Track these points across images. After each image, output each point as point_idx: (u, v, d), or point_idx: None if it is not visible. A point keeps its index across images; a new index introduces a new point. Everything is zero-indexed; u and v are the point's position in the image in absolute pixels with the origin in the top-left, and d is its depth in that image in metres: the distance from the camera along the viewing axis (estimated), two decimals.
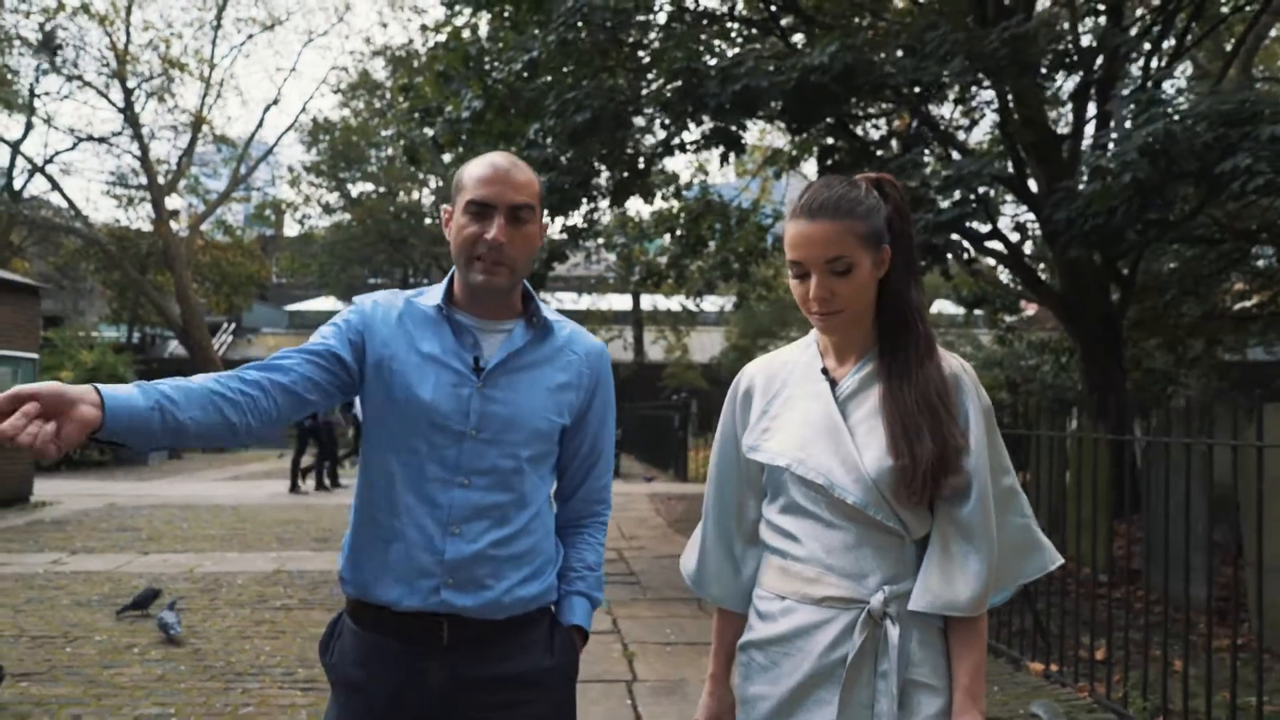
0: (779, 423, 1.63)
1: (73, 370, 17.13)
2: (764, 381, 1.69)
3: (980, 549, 1.51)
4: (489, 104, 7.70)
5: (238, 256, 33.10)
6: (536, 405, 1.73)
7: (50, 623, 5.61)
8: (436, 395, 1.68)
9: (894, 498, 1.50)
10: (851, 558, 1.53)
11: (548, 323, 1.79)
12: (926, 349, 1.57)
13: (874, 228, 1.55)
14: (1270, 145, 4.89)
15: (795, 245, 1.55)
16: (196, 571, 7.32)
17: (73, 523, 10.13)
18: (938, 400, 1.52)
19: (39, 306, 12.70)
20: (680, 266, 14.26)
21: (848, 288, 1.54)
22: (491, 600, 1.66)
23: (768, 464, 1.61)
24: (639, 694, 4.48)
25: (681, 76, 6.38)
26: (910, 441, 1.49)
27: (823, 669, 1.51)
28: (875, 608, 1.50)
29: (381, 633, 1.68)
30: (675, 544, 9.11)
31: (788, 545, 1.59)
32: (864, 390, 1.59)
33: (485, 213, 1.68)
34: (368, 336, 1.71)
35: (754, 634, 1.62)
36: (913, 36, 7.45)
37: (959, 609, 1.49)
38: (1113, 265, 9.65)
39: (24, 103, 25.93)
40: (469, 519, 1.67)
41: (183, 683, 4.51)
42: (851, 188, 1.57)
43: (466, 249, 1.69)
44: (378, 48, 34.21)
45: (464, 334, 1.73)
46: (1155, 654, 4.71)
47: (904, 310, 1.59)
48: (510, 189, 1.69)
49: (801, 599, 1.55)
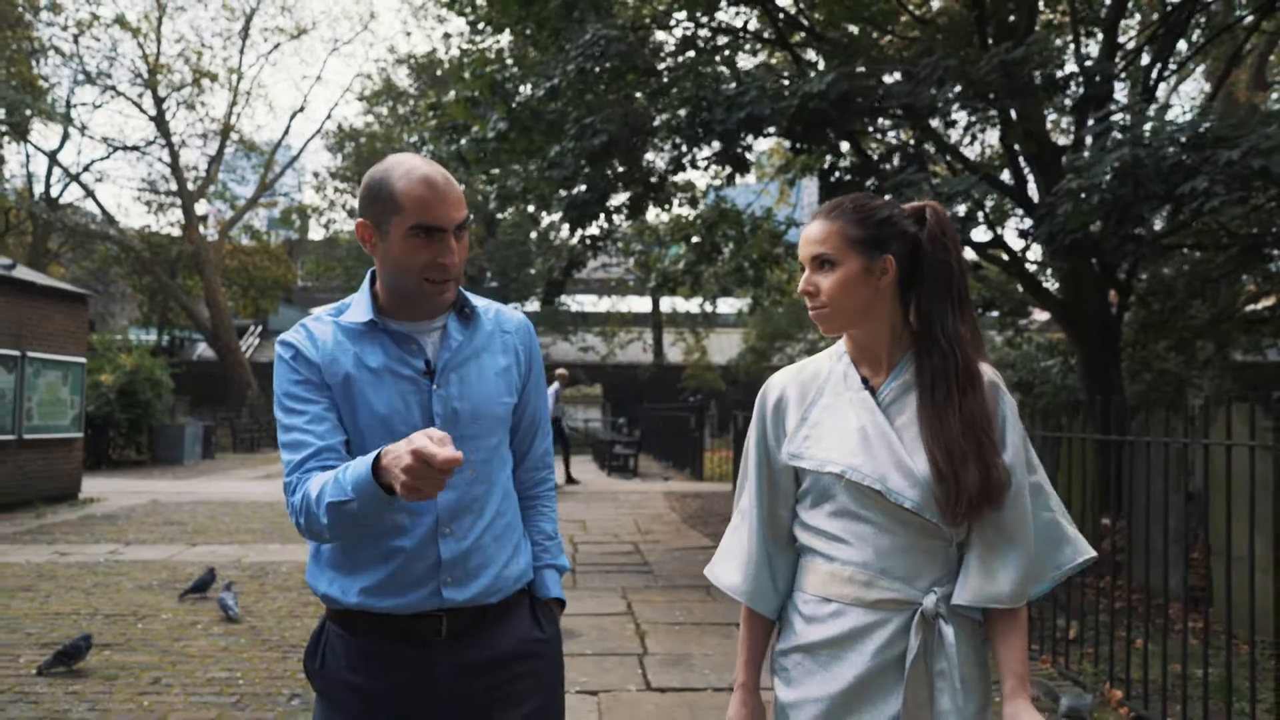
0: (821, 430, 1.66)
1: (112, 373, 17.83)
2: (797, 391, 1.72)
3: (1019, 544, 1.58)
4: (513, 125, 8.25)
5: (264, 261, 33.87)
6: (490, 391, 1.77)
7: (119, 604, 6.21)
8: (397, 405, 1.70)
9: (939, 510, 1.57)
10: (903, 561, 1.58)
11: (475, 310, 1.81)
12: (968, 378, 1.60)
13: (870, 235, 1.62)
14: (1227, 169, 5.35)
15: (799, 246, 1.68)
16: (244, 561, 7.90)
17: (121, 517, 10.76)
18: (981, 430, 1.57)
19: (87, 313, 13.38)
20: (695, 273, 14.77)
21: (829, 283, 1.62)
22: (485, 587, 1.72)
23: (815, 470, 1.64)
24: (649, 664, 5.00)
25: (691, 103, 6.92)
26: (954, 469, 1.54)
27: (876, 670, 1.57)
28: (928, 609, 1.56)
29: (378, 637, 1.69)
30: (687, 538, 9.62)
31: (836, 549, 1.63)
32: (902, 399, 1.64)
33: (434, 235, 1.66)
34: (321, 368, 1.71)
35: (798, 639, 1.66)
36: (909, 61, 7.94)
37: (1001, 601, 1.57)
38: (1111, 272, 10.06)
39: (62, 114, 26.69)
40: (456, 517, 1.71)
41: (244, 653, 5.08)
42: (870, 200, 1.67)
43: (417, 273, 1.67)
44: (401, 56, 34.94)
45: (404, 341, 1.73)
46: (1122, 634, 5.17)
47: (936, 333, 1.62)
48: (452, 207, 1.67)
49: (854, 602, 1.59)
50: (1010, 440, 1.60)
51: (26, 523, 10.23)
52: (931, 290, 1.63)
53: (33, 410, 11.69)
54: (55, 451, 12.26)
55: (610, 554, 8.53)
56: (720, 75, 7.36)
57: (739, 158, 7.30)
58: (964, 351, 1.60)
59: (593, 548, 8.86)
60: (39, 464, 11.87)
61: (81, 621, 5.62)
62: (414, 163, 1.68)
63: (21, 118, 25.19)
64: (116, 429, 18.30)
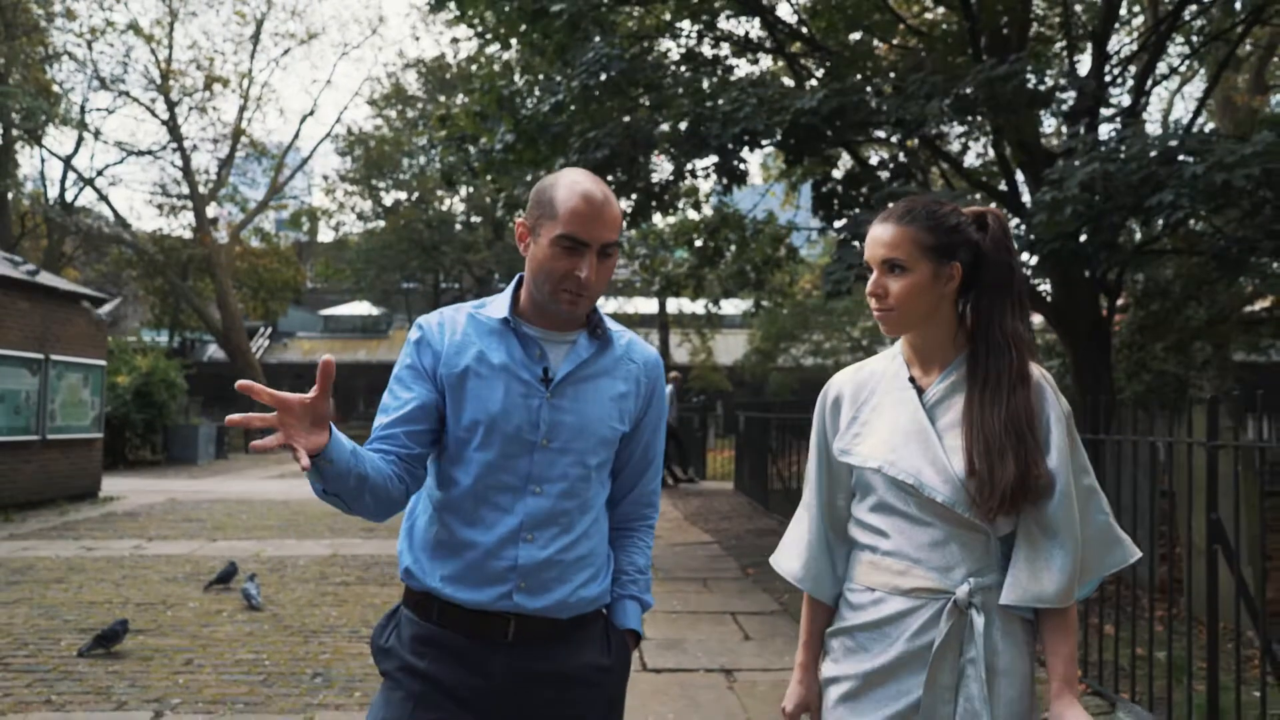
0: (869, 428, 1.74)
1: (128, 375, 18.25)
2: (852, 390, 1.80)
3: (1065, 544, 1.61)
4: (519, 137, 8.60)
5: (274, 263, 34.26)
6: (601, 414, 1.79)
7: (148, 594, 6.58)
8: (508, 406, 1.73)
9: (970, 505, 1.62)
10: (939, 552, 1.64)
11: (609, 333, 1.85)
12: (1020, 376, 1.66)
13: (941, 242, 1.67)
14: (1191, 183, 5.67)
15: (867, 245, 1.72)
16: (262, 555, 8.27)
17: (142, 515, 11.15)
18: (1025, 426, 1.62)
19: (106, 317, 13.76)
20: (699, 276, 15.10)
21: (898, 287, 1.67)
22: (558, 601, 1.73)
23: (859, 466, 1.72)
24: (646, 648, 5.34)
25: (689, 119, 7.27)
26: (991, 463, 1.59)
27: (908, 653, 1.63)
28: (961, 598, 1.61)
29: (447, 626, 1.73)
30: (689, 534, 9.96)
31: (877, 541, 1.70)
32: (949, 399, 1.70)
33: (578, 249, 1.70)
34: (438, 357, 1.77)
35: (843, 623, 1.75)
36: (899, 76, 8.28)
37: (1047, 601, 1.61)
38: (1101, 276, 10.36)
39: (77, 120, 27.14)
40: (540, 526, 1.73)
41: (269, 638, 5.44)
42: (940, 206, 1.71)
43: (554, 281, 1.72)
44: (410, 60, 35.35)
45: (531, 345, 1.77)
46: (1094, 621, 5.49)
47: (995, 333, 1.68)
48: (603, 227, 1.71)
49: (891, 590, 1.67)
50: (1056, 441, 1.64)
51: (52, 519, 10.62)
52: (993, 292, 1.69)
53: (55, 411, 12.09)
54: (77, 451, 12.66)
55: None
56: (718, 89, 7.68)
57: (735, 170, 7.64)
58: (1020, 351, 1.67)
59: None
60: (62, 463, 12.27)
61: (114, 609, 5.99)
62: (581, 178, 1.74)
63: (37, 123, 25.66)
64: (132, 429, 18.71)
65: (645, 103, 8.09)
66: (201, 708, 4.23)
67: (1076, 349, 10.95)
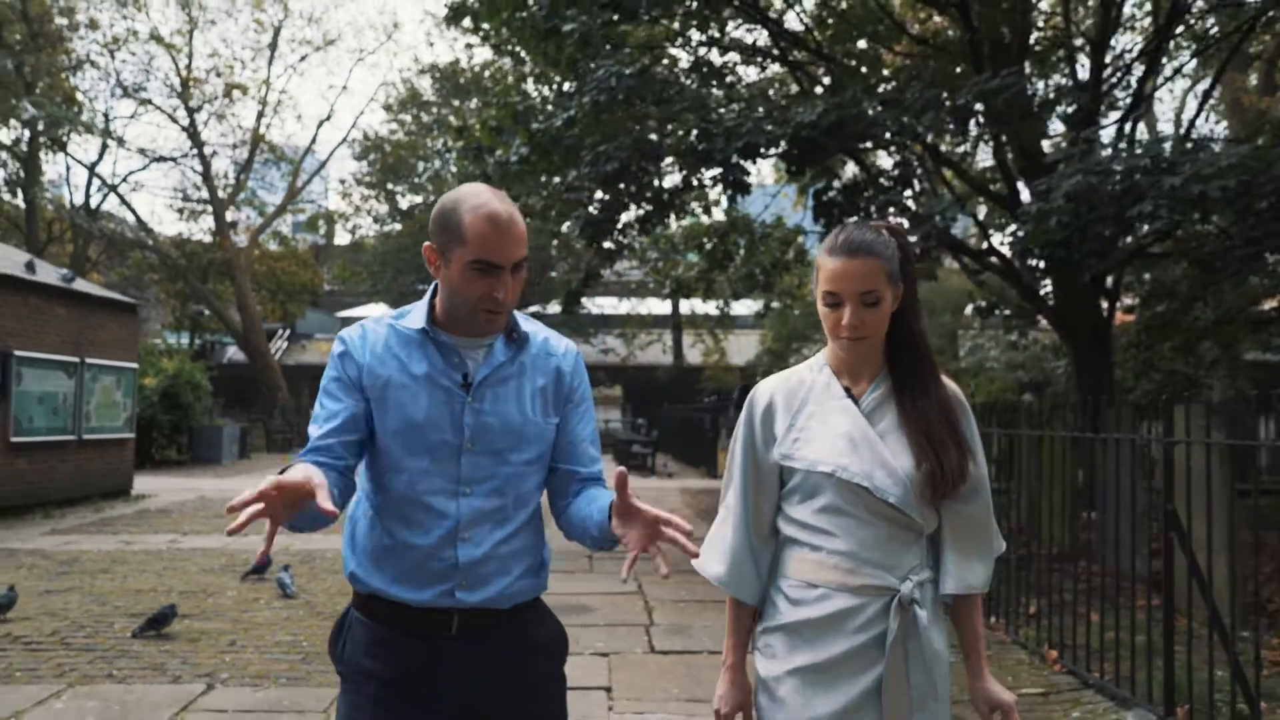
0: (808, 434, 1.82)
1: (155, 377, 18.75)
2: (785, 399, 1.88)
3: (986, 535, 1.84)
4: (533, 149, 9.01)
5: (292, 265, 34.78)
6: (523, 411, 1.85)
7: (189, 583, 7.02)
8: (431, 413, 1.79)
9: (919, 499, 1.76)
10: (883, 552, 1.76)
11: (524, 334, 1.90)
12: (934, 372, 1.85)
13: (894, 268, 1.80)
14: (1170, 194, 6.01)
15: (834, 279, 1.79)
16: (291, 548, 8.70)
17: (174, 511, 11.62)
18: (952, 416, 1.81)
19: (137, 322, 14.27)
20: (709, 279, 15.45)
21: (875, 317, 1.79)
22: (497, 594, 1.81)
23: (806, 470, 1.80)
24: (654, 633, 5.74)
25: (695, 133, 7.65)
26: (937, 449, 1.75)
27: (857, 646, 1.74)
28: (905, 594, 1.73)
29: (393, 625, 1.80)
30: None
31: (823, 540, 1.79)
32: (883, 405, 1.83)
33: (491, 271, 1.75)
34: (363, 370, 1.83)
35: (782, 619, 1.82)
36: (898, 88, 8.64)
37: (977, 588, 1.81)
38: (1101, 278, 10.67)
39: (101, 128, 27.72)
40: (475, 524, 1.80)
41: (304, 622, 5.87)
42: (877, 233, 1.82)
43: (472, 303, 1.78)
44: (425, 66, 35.83)
45: (449, 353, 1.83)
46: (1081, 610, 5.83)
47: (914, 339, 1.84)
48: (512, 245, 1.76)
49: (839, 587, 1.76)
50: (975, 439, 1.83)
51: (88, 516, 11.10)
52: (907, 300, 1.84)
53: (90, 413, 12.58)
54: (110, 451, 13.16)
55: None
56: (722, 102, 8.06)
57: (739, 181, 8.02)
58: (927, 349, 1.86)
59: None
60: (96, 462, 12.77)
61: (159, 597, 6.42)
62: (484, 198, 1.76)
63: (61, 131, 26.25)
64: (159, 430, 19.22)
65: (653, 119, 8.49)
66: (248, 681, 4.65)
67: (1077, 350, 11.28)
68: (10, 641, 5.31)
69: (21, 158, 27.14)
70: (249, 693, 4.49)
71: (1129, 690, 4.35)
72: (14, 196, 28.59)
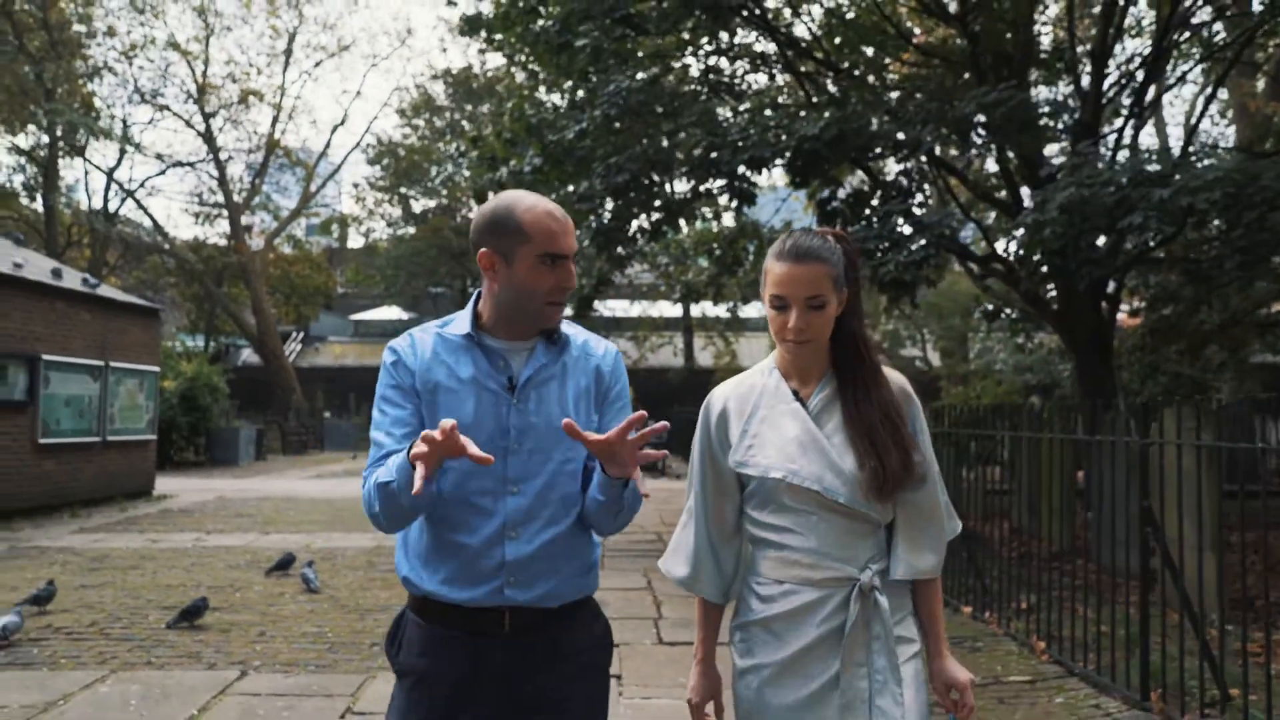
0: (761, 440, 1.88)
1: (174, 380, 19.12)
2: (737, 405, 1.94)
3: (934, 523, 1.90)
4: (547, 160, 9.29)
5: (306, 269, 35.15)
6: (567, 411, 1.90)
7: (216, 578, 7.31)
8: (479, 416, 1.85)
9: (867, 497, 1.81)
10: (842, 545, 1.82)
11: (565, 336, 1.96)
12: (874, 374, 1.90)
13: (840, 273, 1.86)
14: (1159, 206, 6.24)
15: (781, 283, 1.84)
16: (312, 546, 9.00)
17: (196, 511, 11.94)
18: (895, 416, 1.85)
19: (160, 326, 14.61)
20: (718, 284, 15.73)
21: (820, 320, 1.83)
22: (548, 592, 1.85)
23: (760, 476, 1.86)
24: (662, 626, 6.00)
25: (702, 146, 7.93)
26: (879, 452, 1.80)
27: (822, 636, 1.80)
28: (865, 582, 1.80)
29: (447, 625, 1.85)
30: None
31: (784, 539, 1.85)
32: (829, 406, 1.88)
33: (559, 263, 1.85)
34: (416, 377, 1.90)
35: (754, 614, 1.88)
36: (899, 101, 8.89)
37: (928, 573, 1.88)
38: (1100, 284, 10.88)
39: (120, 135, 28.15)
40: (523, 523, 1.84)
41: (329, 615, 6.15)
42: (823, 239, 1.87)
43: (542, 296, 1.86)
44: (438, 71, 36.22)
45: (495, 357, 1.90)
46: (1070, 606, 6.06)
47: (857, 342, 1.90)
48: (571, 237, 1.88)
49: (802, 582, 1.82)
50: (922, 430, 1.90)
51: (114, 515, 11.43)
52: (851, 305, 1.90)
53: (114, 415, 12.93)
54: (133, 452, 13.50)
55: (636, 542, 9.54)
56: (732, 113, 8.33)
57: (745, 191, 8.29)
58: (872, 353, 1.91)
59: (620, 537, 9.85)
60: (119, 463, 13.11)
61: (189, 591, 6.72)
62: (533, 198, 1.88)
63: (79, 137, 26.69)
64: (178, 432, 19.60)
65: (662, 130, 8.77)
66: (279, 668, 4.93)
67: (1079, 354, 11.48)
68: (53, 632, 5.61)
69: (41, 163, 27.61)
70: (280, 678, 4.77)
71: (1109, 678, 4.59)
72: (32, 201, 29.09)
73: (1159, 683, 4.35)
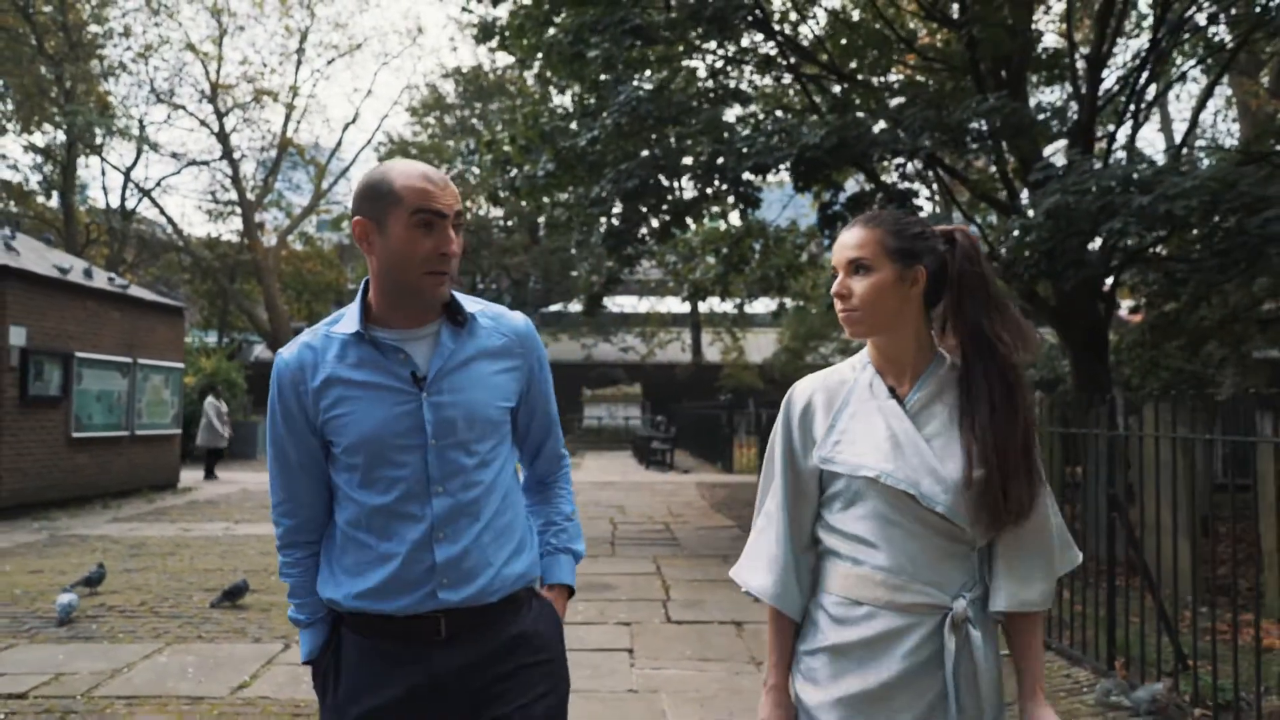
0: (850, 436, 1.68)
1: (194, 376, 19.60)
2: (825, 399, 1.74)
3: (1045, 548, 1.65)
4: (559, 165, 9.71)
5: (317, 265, 35.64)
6: (485, 397, 1.76)
7: (250, 563, 7.77)
8: (387, 417, 1.70)
9: (971, 511, 1.60)
10: (934, 567, 1.61)
11: (470, 315, 1.79)
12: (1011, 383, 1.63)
13: (905, 246, 1.66)
14: (1138, 212, 6.61)
15: (834, 251, 1.72)
16: None
17: (221, 502, 12.40)
18: (1031, 440, 1.62)
19: (184, 324, 15.09)
20: (725, 282, 16.11)
21: (863, 287, 1.65)
22: (482, 587, 1.73)
23: (848, 475, 1.66)
24: (670, 607, 6.42)
25: (708, 152, 8.34)
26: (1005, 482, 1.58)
27: (907, 670, 1.60)
28: (958, 613, 1.59)
29: (381, 637, 1.73)
30: (713, 520, 11.02)
31: (865, 553, 1.65)
32: (930, 407, 1.67)
33: (435, 223, 1.67)
34: (303, 394, 1.74)
35: (826, 640, 1.68)
36: (898, 109, 9.28)
37: (1034, 605, 1.62)
38: (1097, 282, 11.22)
39: (138, 135, 28.65)
40: (451, 521, 1.72)
41: None
42: (906, 216, 1.71)
43: (421, 263, 1.68)
44: (448, 70, 36.65)
45: (390, 351, 1.73)
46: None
47: (980, 341, 1.65)
48: (451, 197, 1.69)
49: (885, 605, 1.61)
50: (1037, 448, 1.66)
51: (142, 507, 11.90)
52: (973, 301, 1.66)
53: (141, 410, 13.41)
54: (159, 446, 13.98)
55: (645, 532, 9.97)
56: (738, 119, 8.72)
57: (749, 196, 8.70)
58: (1006, 356, 1.64)
59: (630, 527, 10.29)
60: (146, 457, 13.59)
61: (227, 575, 7.17)
62: (409, 163, 1.71)
63: (92, 136, 27.18)
64: (198, 426, 20.04)
65: (675, 132, 9.18)
66: None
67: (1074, 350, 11.85)
68: (106, 610, 6.07)
69: (60, 162, 28.12)
70: None
71: (1081, 651, 4.99)
72: (48, 199, 29.61)
73: (1124, 654, 4.75)
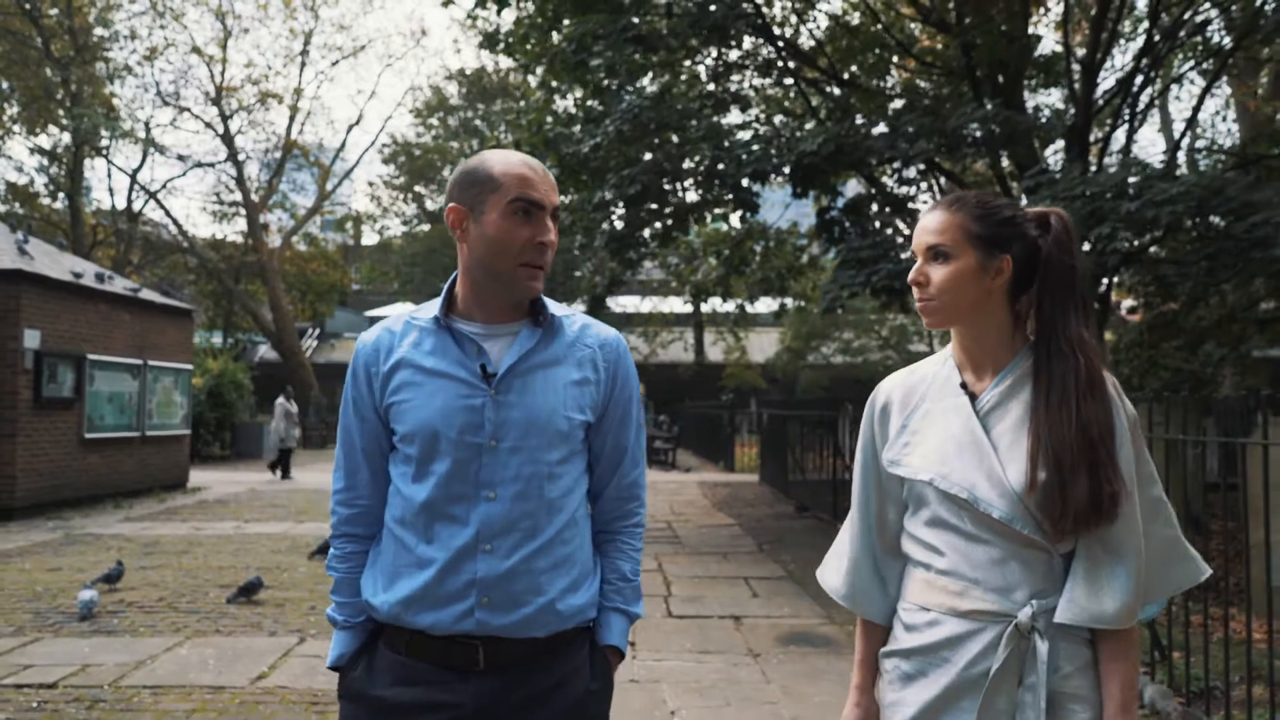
0: (919, 437, 1.62)
1: (201, 376, 19.83)
2: (901, 396, 1.68)
3: (1128, 562, 1.49)
4: (563, 170, 9.91)
5: (321, 266, 35.86)
6: (554, 405, 1.66)
7: (263, 561, 7.97)
8: (448, 410, 1.63)
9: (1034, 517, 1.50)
10: (998, 572, 1.52)
11: (556, 319, 1.72)
12: (1089, 384, 1.52)
13: (990, 232, 1.56)
14: (1126, 217, 6.81)
15: (914, 235, 1.61)
16: None
17: (231, 502, 12.62)
18: (1099, 439, 1.48)
19: (193, 326, 15.31)
20: (727, 283, 16.30)
21: (940, 275, 1.56)
22: (529, 616, 1.61)
23: (909, 478, 1.61)
24: (672, 602, 6.62)
25: (708, 159, 8.54)
26: (1062, 479, 1.47)
27: (965, 681, 1.52)
28: (1023, 622, 1.49)
29: (415, 656, 1.63)
30: (715, 518, 11.22)
31: (931, 558, 1.59)
32: (1004, 405, 1.57)
33: (534, 212, 1.62)
34: (373, 377, 1.71)
35: (898, 644, 1.64)
36: (895, 115, 9.47)
37: (1107, 622, 1.48)
38: (1095, 281, 11.38)
39: (143, 137, 28.89)
40: (499, 534, 1.61)
41: None
42: (993, 199, 1.61)
43: (514, 254, 1.63)
44: (451, 71, 36.87)
45: (465, 342, 1.67)
46: None
47: (1059, 338, 1.54)
48: (551, 189, 1.65)
49: (948, 611, 1.55)
50: (1124, 454, 1.51)
51: (153, 506, 12.12)
52: (1054, 293, 1.56)
53: (152, 411, 13.62)
54: (169, 446, 14.20)
55: (648, 529, 10.07)
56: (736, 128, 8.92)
57: (748, 201, 8.90)
58: (1088, 356, 1.54)
59: None
60: (156, 457, 13.81)
61: (240, 572, 7.37)
62: (510, 152, 1.67)
63: (98, 138, 27.40)
64: (205, 427, 20.32)
65: (674, 140, 9.38)
66: None
67: None
68: (126, 606, 6.27)
69: (66, 164, 28.35)
70: None
71: None
72: (54, 201, 29.85)
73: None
